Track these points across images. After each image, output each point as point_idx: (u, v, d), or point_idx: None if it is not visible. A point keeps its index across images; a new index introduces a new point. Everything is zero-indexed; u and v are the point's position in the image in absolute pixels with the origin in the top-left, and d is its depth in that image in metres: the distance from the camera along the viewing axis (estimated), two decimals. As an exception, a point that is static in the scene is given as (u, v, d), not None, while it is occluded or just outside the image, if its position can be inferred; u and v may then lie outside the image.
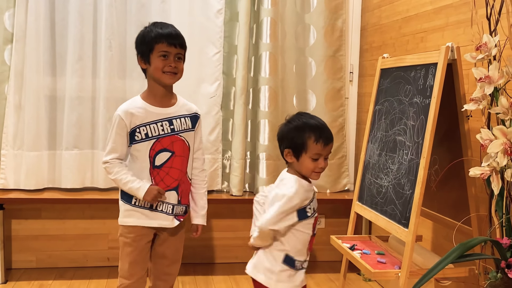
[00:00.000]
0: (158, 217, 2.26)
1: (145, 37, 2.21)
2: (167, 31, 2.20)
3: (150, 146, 2.21)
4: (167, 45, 2.17)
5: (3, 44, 3.20)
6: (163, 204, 2.25)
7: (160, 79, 2.21)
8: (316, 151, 1.92)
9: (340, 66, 3.53)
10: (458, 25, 2.45)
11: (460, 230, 2.21)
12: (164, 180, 2.24)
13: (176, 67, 2.20)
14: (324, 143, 1.92)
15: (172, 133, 2.24)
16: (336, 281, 3.31)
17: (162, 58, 2.18)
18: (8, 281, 3.19)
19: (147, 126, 2.21)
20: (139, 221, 2.25)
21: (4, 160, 3.22)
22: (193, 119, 2.33)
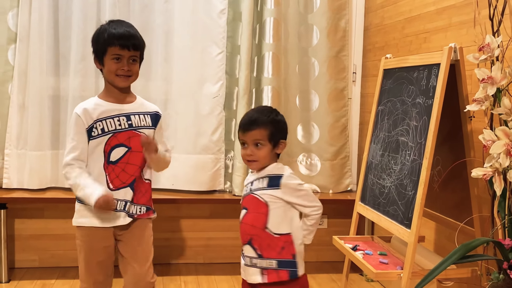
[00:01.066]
0: (110, 216, 2.19)
1: (99, 38, 2.17)
2: (120, 32, 2.14)
3: (105, 141, 2.17)
4: (120, 48, 2.13)
5: (7, 44, 3.21)
6: (116, 201, 2.17)
7: (114, 82, 2.18)
8: (240, 138, 2.04)
9: (343, 67, 3.53)
10: (461, 25, 2.45)
11: (462, 231, 2.21)
12: (119, 176, 2.19)
13: (129, 70, 2.17)
14: (243, 129, 2.02)
15: (129, 128, 2.20)
16: (339, 282, 3.31)
17: (115, 61, 2.14)
18: (11, 280, 3.20)
19: (103, 121, 2.17)
20: (92, 221, 2.19)
21: (8, 160, 3.23)
22: (153, 117, 2.29)
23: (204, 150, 3.36)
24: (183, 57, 3.34)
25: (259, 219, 1.99)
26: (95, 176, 2.17)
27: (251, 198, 2.03)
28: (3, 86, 3.22)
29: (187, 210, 3.55)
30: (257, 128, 1.99)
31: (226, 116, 3.42)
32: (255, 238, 2.00)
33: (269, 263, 1.99)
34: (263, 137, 1.99)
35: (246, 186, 2.09)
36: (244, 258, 2.05)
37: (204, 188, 3.39)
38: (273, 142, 2.02)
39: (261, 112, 2.06)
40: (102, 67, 2.19)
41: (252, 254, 2.01)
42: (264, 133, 1.99)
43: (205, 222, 3.59)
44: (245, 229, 2.03)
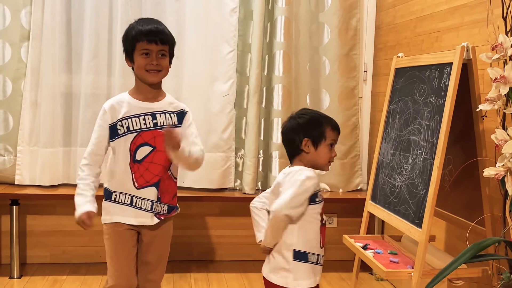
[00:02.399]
0: (137, 214, 2.21)
1: (127, 36, 2.19)
2: (148, 28, 2.15)
3: (131, 140, 2.18)
4: (147, 42, 2.13)
5: (20, 42, 3.24)
6: (142, 200, 2.20)
7: (144, 77, 2.18)
8: (333, 137, 2.01)
9: (354, 65, 3.52)
10: (473, 25, 2.44)
11: (473, 231, 2.21)
12: (143, 175, 2.20)
13: (158, 64, 2.17)
14: (337, 130, 2.03)
15: (154, 128, 2.20)
16: (348, 281, 3.31)
17: (144, 56, 2.14)
18: (23, 276, 3.22)
19: (129, 119, 2.18)
20: (118, 217, 2.21)
21: (20, 157, 3.26)
22: (179, 115, 2.28)
23: (215, 148, 3.37)
24: (194, 55, 3.36)
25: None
26: (121, 173, 2.19)
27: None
28: (16, 83, 3.25)
29: (197, 208, 3.57)
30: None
31: (236, 114, 3.43)
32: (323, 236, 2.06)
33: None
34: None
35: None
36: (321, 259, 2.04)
37: (214, 186, 3.40)
38: None
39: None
40: (132, 65, 2.20)
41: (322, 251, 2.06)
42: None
43: (215, 220, 3.60)
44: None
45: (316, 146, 1.99)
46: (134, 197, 2.20)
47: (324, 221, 2.04)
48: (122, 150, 2.18)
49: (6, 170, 3.28)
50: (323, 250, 2.03)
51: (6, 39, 3.22)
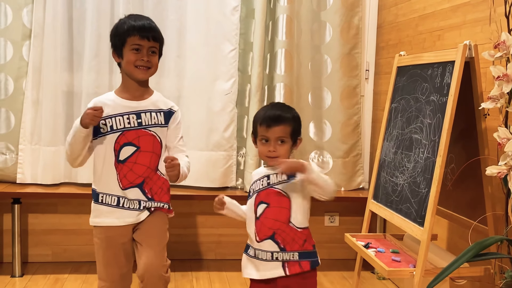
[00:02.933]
0: (124, 215, 2.18)
1: (118, 30, 2.15)
2: (140, 23, 2.12)
3: (115, 139, 2.15)
4: (140, 38, 2.10)
5: (21, 40, 3.23)
6: (129, 201, 2.17)
7: (133, 73, 2.14)
8: (262, 133, 1.99)
9: (356, 64, 3.52)
10: (475, 23, 2.43)
11: (475, 229, 2.20)
12: (127, 176, 2.16)
13: (149, 61, 2.13)
14: (266, 124, 1.97)
15: (138, 127, 2.17)
16: (350, 279, 3.30)
17: (134, 52, 2.11)
18: (25, 275, 3.22)
19: (113, 118, 2.14)
20: (107, 220, 2.18)
21: (22, 155, 3.26)
22: (166, 114, 2.23)
23: (216, 146, 3.37)
24: (196, 54, 3.35)
25: (282, 213, 1.98)
26: (106, 174, 2.16)
27: (272, 192, 2.00)
28: (18, 82, 3.25)
29: (199, 206, 3.57)
30: (282, 124, 1.97)
31: (238, 113, 3.42)
32: (279, 232, 1.98)
33: (291, 255, 1.97)
34: (287, 133, 1.98)
35: (260, 180, 2.04)
36: (261, 254, 2.00)
37: (216, 184, 3.40)
38: (293, 139, 2.02)
39: (282, 108, 2.04)
40: (120, 60, 2.16)
41: (274, 248, 1.98)
42: (288, 129, 1.98)
43: (216, 219, 3.60)
44: (267, 223, 1.99)
45: (255, 143, 2.05)
46: (121, 198, 2.17)
47: (258, 216, 2.02)
48: (106, 150, 2.16)
49: (8, 168, 3.28)
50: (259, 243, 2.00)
51: (8, 37, 3.22)
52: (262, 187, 2.03)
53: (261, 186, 2.04)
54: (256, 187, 2.05)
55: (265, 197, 2.02)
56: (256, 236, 2.01)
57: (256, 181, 2.06)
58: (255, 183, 2.06)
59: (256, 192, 2.05)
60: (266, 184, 2.02)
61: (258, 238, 2.01)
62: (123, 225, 2.19)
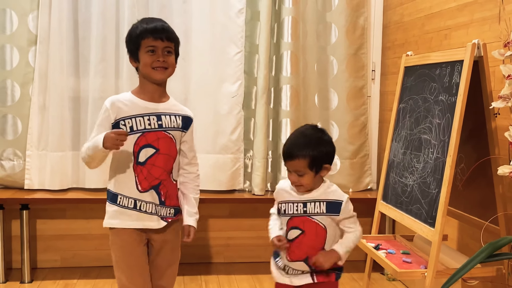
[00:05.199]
0: (142, 218, 2.12)
1: (131, 35, 2.12)
2: (153, 25, 2.10)
3: (135, 141, 2.09)
4: (153, 39, 2.07)
5: (27, 46, 3.24)
6: (146, 204, 2.12)
7: (150, 75, 2.10)
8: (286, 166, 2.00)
9: (362, 65, 3.51)
10: (483, 21, 2.42)
11: (487, 230, 2.19)
12: (147, 178, 2.12)
13: (165, 61, 2.10)
14: (284, 159, 1.99)
15: (159, 129, 2.13)
16: (360, 281, 3.29)
17: (149, 54, 2.07)
18: (34, 281, 3.23)
19: (132, 119, 2.09)
20: (126, 223, 2.11)
21: (29, 161, 3.26)
22: (184, 119, 2.21)
23: (223, 149, 3.37)
24: (201, 57, 3.35)
25: (318, 241, 1.98)
26: (124, 176, 2.11)
27: (308, 221, 1.99)
28: (24, 87, 3.25)
29: (207, 209, 3.56)
30: (295, 160, 1.94)
31: (245, 115, 3.42)
32: (311, 256, 1.98)
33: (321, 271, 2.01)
34: (303, 167, 1.94)
35: (295, 204, 2.01)
36: (291, 270, 2.03)
37: (223, 187, 3.39)
38: (315, 169, 1.96)
39: (301, 138, 1.99)
40: (137, 64, 2.13)
41: (305, 268, 2.01)
42: (303, 163, 1.94)
43: (224, 222, 3.59)
44: (302, 249, 1.99)
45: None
46: (138, 201, 2.12)
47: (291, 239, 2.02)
48: (125, 151, 2.10)
49: (16, 174, 3.28)
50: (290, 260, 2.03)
51: (14, 43, 3.22)
52: (298, 214, 2.01)
53: (296, 212, 2.01)
54: (291, 210, 2.02)
55: (301, 224, 2.00)
56: (287, 256, 2.02)
57: (289, 202, 2.02)
58: (289, 205, 2.02)
59: (290, 216, 2.02)
60: (303, 212, 2.00)
61: (289, 258, 2.01)
62: (142, 228, 2.14)
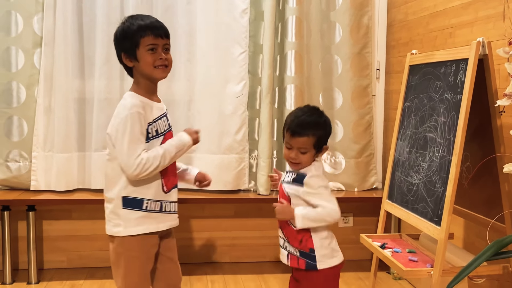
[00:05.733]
0: (166, 219, 2.12)
1: (127, 32, 2.02)
2: (149, 22, 2.03)
3: (159, 143, 2.07)
4: (154, 37, 2.01)
5: (33, 48, 3.25)
6: (169, 204, 2.12)
7: (152, 74, 2.05)
8: (286, 139, 2.02)
9: (366, 64, 3.50)
10: (487, 19, 2.42)
11: (493, 228, 2.18)
12: (170, 179, 2.12)
13: (166, 59, 2.06)
14: (290, 133, 1.99)
15: (169, 129, 2.15)
16: (366, 280, 3.29)
17: (150, 52, 2.01)
18: (41, 281, 3.24)
19: (156, 122, 2.08)
20: (152, 226, 2.07)
21: (35, 162, 3.27)
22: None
23: (228, 149, 3.37)
24: (206, 57, 3.36)
25: None
26: (149, 181, 2.05)
27: (281, 188, 2.09)
28: (30, 89, 3.26)
29: (212, 209, 3.57)
30: (304, 136, 1.97)
31: (249, 115, 3.42)
32: (282, 225, 2.08)
33: (293, 250, 2.05)
34: (309, 145, 1.98)
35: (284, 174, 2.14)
36: (280, 240, 2.13)
37: (228, 187, 3.39)
38: (317, 148, 2.01)
39: (311, 117, 2.01)
40: (134, 63, 2.06)
41: (282, 237, 2.10)
42: (311, 141, 1.97)
43: (230, 222, 3.60)
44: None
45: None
46: (163, 202, 2.10)
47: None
48: None
49: (22, 176, 3.29)
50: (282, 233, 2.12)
51: (19, 45, 3.24)
52: (281, 181, 2.12)
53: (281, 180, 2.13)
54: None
55: (280, 191, 2.12)
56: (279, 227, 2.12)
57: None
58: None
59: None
60: (282, 180, 2.12)
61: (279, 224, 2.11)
62: (165, 229, 2.14)
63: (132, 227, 2.06)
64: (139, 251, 2.08)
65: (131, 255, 2.07)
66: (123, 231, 2.06)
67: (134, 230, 2.06)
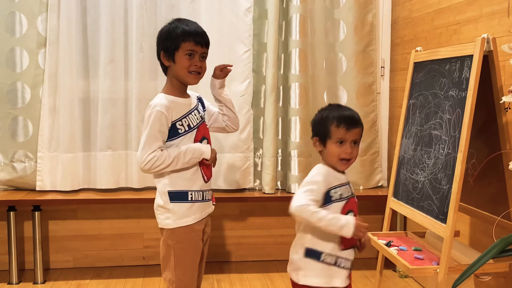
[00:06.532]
0: (205, 207, 2.23)
1: (170, 33, 2.14)
2: (194, 29, 2.15)
3: (194, 137, 2.18)
4: (194, 44, 2.13)
5: (37, 48, 3.26)
6: (207, 192, 2.24)
7: (185, 78, 2.16)
8: (339, 135, 1.89)
9: (371, 61, 3.49)
10: (492, 16, 2.40)
11: (499, 225, 2.17)
12: (208, 168, 2.23)
13: (201, 66, 2.17)
14: (346, 127, 1.88)
15: (202, 121, 2.24)
16: (372, 278, 3.28)
17: (187, 57, 2.13)
18: (47, 281, 3.25)
19: (187, 117, 2.17)
20: (197, 215, 2.18)
21: (41, 163, 3.28)
22: (200, 101, 2.32)
23: (233, 148, 3.37)
24: (210, 56, 3.28)
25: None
26: (192, 173, 2.17)
27: (355, 203, 1.98)
28: (35, 89, 3.27)
29: (217, 208, 3.50)
30: (360, 126, 1.91)
31: (254, 114, 3.42)
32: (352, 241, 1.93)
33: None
34: (360, 136, 1.93)
35: (346, 186, 1.96)
36: (344, 262, 1.94)
37: (233, 186, 3.40)
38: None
39: (352, 110, 1.97)
40: (171, 64, 2.15)
41: (352, 256, 1.97)
42: (362, 132, 1.94)
43: (235, 221, 3.60)
44: None
45: (324, 144, 1.93)
46: (204, 192, 2.21)
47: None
48: None
49: (27, 176, 3.30)
50: (345, 250, 1.92)
51: (24, 46, 3.24)
52: (351, 195, 1.96)
53: (349, 193, 1.96)
54: (345, 193, 1.94)
55: (353, 206, 1.96)
56: (341, 244, 1.91)
57: (342, 185, 1.94)
58: (342, 189, 1.94)
59: (345, 199, 1.93)
60: (351, 193, 1.97)
61: (343, 246, 1.92)
62: (205, 216, 2.25)
63: (181, 219, 2.15)
64: (188, 243, 2.17)
65: (181, 247, 2.16)
66: (173, 223, 2.15)
67: (183, 222, 2.15)
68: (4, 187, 3.34)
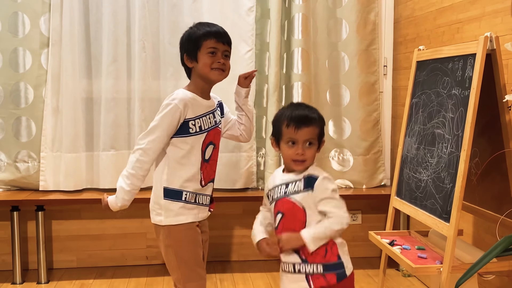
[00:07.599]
0: (199, 211, 2.22)
1: (191, 36, 2.18)
2: (215, 29, 2.19)
3: (203, 139, 2.18)
4: (216, 41, 2.15)
5: (40, 48, 3.26)
6: (203, 196, 2.21)
7: (208, 75, 2.17)
8: (289, 135, 1.86)
9: (373, 60, 3.49)
10: (495, 14, 2.40)
11: (502, 223, 2.17)
12: (209, 173, 2.22)
13: (224, 63, 2.18)
14: (296, 127, 1.84)
15: (215, 126, 2.23)
16: (375, 277, 3.28)
17: (210, 55, 2.14)
18: (50, 281, 3.25)
19: (200, 118, 2.17)
20: (190, 217, 2.18)
21: (44, 163, 3.29)
22: (220, 107, 2.33)
23: (236, 148, 3.37)
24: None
25: (297, 225, 1.85)
26: (191, 174, 2.17)
27: (287, 202, 1.88)
28: (37, 90, 3.28)
29: (220, 208, 3.55)
30: (311, 126, 1.85)
31: (256, 113, 3.42)
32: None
33: (315, 268, 1.85)
34: (315, 135, 1.86)
35: (279, 187, 1.92)
36: (286, 266, 1.90)
37: (237, 186, 3.39)
38: (319, 141, 1.90)
39: (308, 109, 1.92)
40: (194, 64, 2.18)
41: (295, 260, 1.87)
42: (316, 131, 1.87)
43: (238, 220, 3.60)
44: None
45: (276, 146, 1.93)
46: (198, 195, 2.20)
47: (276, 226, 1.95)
48: (193, 150, 2.16)
49: (31, 176, 3.31)
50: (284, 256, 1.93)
51: (26, 46, 3.25)
52: (279, 196, 1.91)
53: (279, 194, 1.91)
54: (276, 194, 1.93)
55: (281, 206, 1.90)
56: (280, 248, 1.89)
57: (275, 187, 1.94)
58: (275, 190, 1.93)
59: (274, 201, 1.93)
60: (283, 194, 1.89)
61: (281, 250, 1.89)
62: (199, 220, 2.23)
63: (172, 217, 2.16)
64: (186, 240, 2.19)
65: (179, 245, 2.18)
66: (164, 220, 2.17)
67: (174, 220, 2.16)
68: (8, 187, 3.34)
